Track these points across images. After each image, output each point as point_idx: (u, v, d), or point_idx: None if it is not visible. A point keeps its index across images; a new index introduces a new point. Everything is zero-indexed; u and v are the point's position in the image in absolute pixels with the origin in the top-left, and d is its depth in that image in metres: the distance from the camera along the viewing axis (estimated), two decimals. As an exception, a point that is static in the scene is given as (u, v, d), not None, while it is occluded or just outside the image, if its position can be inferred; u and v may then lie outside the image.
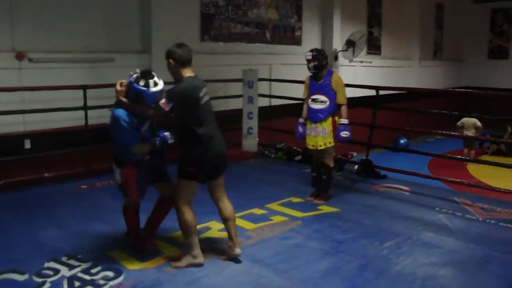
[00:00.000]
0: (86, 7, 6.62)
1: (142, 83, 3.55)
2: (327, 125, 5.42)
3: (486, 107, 10.87)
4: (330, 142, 5.45)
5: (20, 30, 5.98)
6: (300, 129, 5.64)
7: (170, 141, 3.79)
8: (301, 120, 5.68)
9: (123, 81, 3.65)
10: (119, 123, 3.55)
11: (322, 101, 5.44)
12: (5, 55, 5.84)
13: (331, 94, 5.41)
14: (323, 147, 5.46)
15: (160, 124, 3.96)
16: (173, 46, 3.74)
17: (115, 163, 3.81)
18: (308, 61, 5.44)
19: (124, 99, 3.59)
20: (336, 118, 5.45)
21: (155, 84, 3.59)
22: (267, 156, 7.90)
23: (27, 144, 5.99)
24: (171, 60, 3.68)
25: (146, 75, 3.59)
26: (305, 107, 5.66)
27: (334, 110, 5.43)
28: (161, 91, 3.61)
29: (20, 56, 5.91)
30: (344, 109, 5.44)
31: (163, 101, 3.53)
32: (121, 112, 3.57)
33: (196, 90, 3.66)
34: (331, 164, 5.64)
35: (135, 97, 3.57)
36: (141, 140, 3.68)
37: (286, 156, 7.82)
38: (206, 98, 3.74)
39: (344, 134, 5.37)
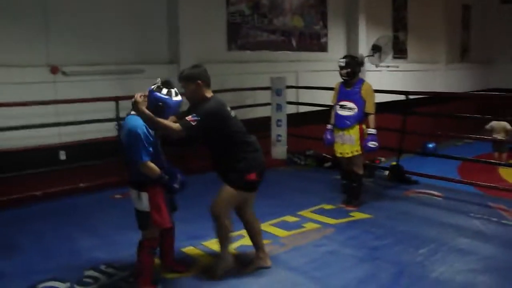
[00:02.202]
0: (116, 21, 6.79)
1: (164, 91, 3.40)
2: (354, 133, 5.40)
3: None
4: (357, 151, 5.43)
5: (54, 45, 6.17)
6: (329, 135, 5.64)
7: (176, 185, 3.54)
8: (329, 126, 5.68)
9: (142, 93, 3.45)
10: (135, 133, 3.30)
11: (350, 108, 5.43)
12: (41, 69, 6.03)
13: (359, 101, 5.40)
14: (350, 155, 5.46)
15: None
16: (195, 68, 3.71)
17: (136, 188, 3.47)
18: (341, 67, 5.44)
19: (146, 110, 3.36)
20: (364, 127, 5.44)
21: (176, 94, 3.46)
22: (296, 163, 7.91)
23: (62, 156, 6.15)
24: (199, 81, 3.59)
25: (167, 84, 3.45)
26: (333, 113, 5.66)
27: (361, 118, 5.41)
28: (181, 102, 3.50)
29: (54, 70, 6.09)
30: (371, 118, 5.40)
31: (190, 116, 3.46)
32: (139, 122, 3.34)
33: (225, 106, 3.68)
34: (360, 172, 5.62)
35: (156, 108, 3.39)
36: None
37: (315, 163, 7.82)
38: (234, 113, 3.75)
39: (372, 144, 5.34)
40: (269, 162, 7.53)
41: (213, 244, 4.42)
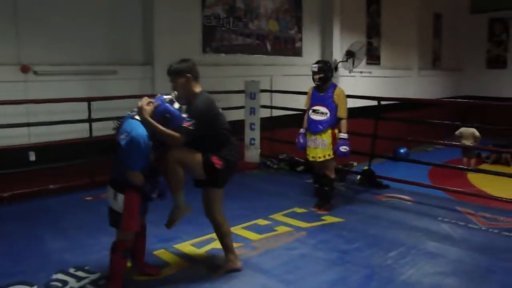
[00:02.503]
0: (90, 21, 6.70)
1: (176, 106, 3.44)
2: (327, 137, 5.46)
3: (485, 117, 10.96)
4: (329, 155, 5.49)
5: (25, 44, 6.06)
6: (301, 139, 5.69)
7: (154, 195, 3.60)
8: (301, 130, 5.73)
9: (150, 100, 3.47)
10: (137, 142, 3.27)
11: (322, 113, 5.49)
12: (11, 68, 5.90)
13: (332, 106, 5.47)
14: (322, 159, 5.51)
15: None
16: (184, 62, 3.69)
17: (115, 187, 3.46)
18: (314, 73, 5.50)
19: (151, 119, 3.38)
20: (336, 131, 5.50)
21: (185, 112, 3.52)
22: (269, 167, 7.95)
23: (32, 157, 6.04)
24: (188, 75, 3.62)
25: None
26: (306, 117, 5.71)
27: (334, 122, 5.48)
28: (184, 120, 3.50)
29: (25, 69, 5.97)
30: (344, 123, 5.48)
31: (185, 122, 3.46)
32: (143, 131, 3.33)
33: (214, 102, 3.69)
34: (332, 176, 5.68)
35: (162, 119, 3.40)
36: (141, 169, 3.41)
37: (288, 166, 7.87)
38: (220, 109, 3.79)
39: (343, 148, 5.41)
40: (242, 166, 7.59)
41: (185, 247, 4.42)
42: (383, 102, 7.26)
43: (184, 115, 3.48)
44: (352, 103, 6.05)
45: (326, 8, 10.48)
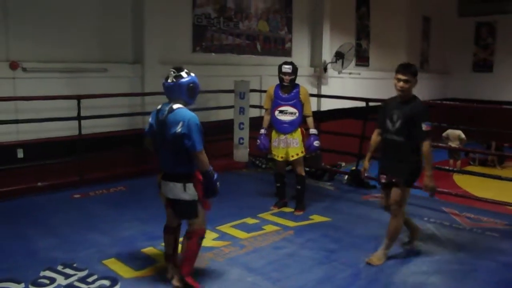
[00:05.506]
0: (80, 18, 6.68)
1: (184, 74, 3.44)
2: (297, 136, 5.54)
3: (471, 119, 11.11)
4: (302, 152, 5.58)
5: (14, 40, 6.03)
6: (264, 140, 5.72)
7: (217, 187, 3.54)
8: (262, 131, 5.75)
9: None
10: (195, 123, 3.35)
11: (291, 113, 5.54)
12: (-1, 64, 5.88)
13: (299, 106, 5.53)
14: (295, 157, 5.57)
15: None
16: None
17: (182, 180, 3.44)
18: (286, 74, 5.49)
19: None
20: (303, 129, 5.61)
21: (189, 71, 3.51)
22: (258, 166, 7.99)
23: (20, 154, 6.01)
24: (417, 78, 4.07)
25: (180, 69, 3.48)
26: (266, 118, 5.75)
27: (301, 121, 5.59)
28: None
29: (14, 66, 5.95)
30: (310, 120, 5.61)
31: (425, 126, 3.97)
32: (194, 114, 3.42)
33: None
34: (303, 173, 5.73)
35: (189, 92, 3.44)
36: None
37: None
38: None
39: (316, 143, 5.56)
40: (230, 165, 7.64)
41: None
42: (371, 103, 7.32)
43: (193, 74, 3.50)
44: (341, 104, 6.11)
45: (316, 9, 10.55)
